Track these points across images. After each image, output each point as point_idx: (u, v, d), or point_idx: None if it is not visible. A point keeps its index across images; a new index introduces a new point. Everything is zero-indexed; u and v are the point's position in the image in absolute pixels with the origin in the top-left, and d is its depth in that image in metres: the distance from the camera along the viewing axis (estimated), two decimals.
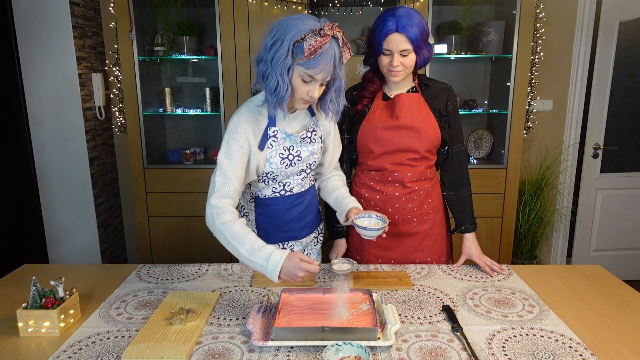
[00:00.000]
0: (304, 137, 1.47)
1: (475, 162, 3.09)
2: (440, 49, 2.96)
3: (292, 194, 1.55)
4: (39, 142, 3.01)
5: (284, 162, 1.46)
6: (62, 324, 1.24)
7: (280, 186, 1.53)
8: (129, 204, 3.46)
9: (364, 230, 1.43)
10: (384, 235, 1.46)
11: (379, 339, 1.17)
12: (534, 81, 3.01)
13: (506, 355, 1.13)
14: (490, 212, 2.99)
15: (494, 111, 3.04)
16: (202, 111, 3.05)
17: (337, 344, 1.10)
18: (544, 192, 3.23)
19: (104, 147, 3.25)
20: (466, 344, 1.16)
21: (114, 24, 2.92)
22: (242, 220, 1.34)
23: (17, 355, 1.15)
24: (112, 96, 3.17)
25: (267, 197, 1.54)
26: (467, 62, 3.20)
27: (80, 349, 1.17)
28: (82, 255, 3.16)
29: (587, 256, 3.48)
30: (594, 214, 3.42)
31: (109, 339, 1.21)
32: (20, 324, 1.22)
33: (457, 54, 2.97)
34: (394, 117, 1.63)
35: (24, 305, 1.23)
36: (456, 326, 1.24)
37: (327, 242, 1.82)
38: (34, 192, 3.07)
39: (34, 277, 1.24)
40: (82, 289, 1.49)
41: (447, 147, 1.71)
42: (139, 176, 2.97)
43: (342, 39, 1.29)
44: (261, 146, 1.42)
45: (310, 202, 1.61)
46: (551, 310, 1.35)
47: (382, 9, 2.99)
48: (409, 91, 1.66)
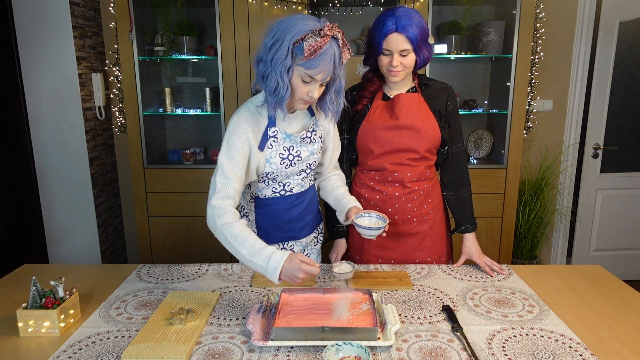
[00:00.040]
0: (303, 137, 1.47)
1: (475, 162, 3.09)
2: (440, 49, 2.96)
3: (292, 194, 1.55)
4: (39, 142, 3.01)
5: (284, 162, 1.46)
6: (62, 324, 1.24)
7: (280, 186, 1.53)
8: (129, 204, 3.46)
9: (364, 229, 1.43)
10: (384, 234, 1.46)
11: (379, 339, 1.17)
12: (534, 81, 3.01)
13: (506, 355, 1.13)
14: (490, 212, 2.99)
15: (494, 111, 3.04)
16: (202, 111, 3.05)
17: (337, 344, 1.10)
18: (544, 192, 3.23)
19: (104, 147, 3.25)
20: (466, 344, 1.16)
21: (114, 24, 2.92)
22: (243, 221, 1.34)
23: (17, 355, 1.15)
24: (112, 96, 3.17)
25: (267, 197, 1.54)
26: (467, 62, 3.19)
27: (80, 349, 1.17)
28: (82, 255, 3.16)
29: (587, 256, 3.48)
30: (594, 214, 3.42)
31: (109, 339, 1.21)
32: (20, 324, 1.22)
33: (457, 54, 2.97)
34: (393, 117, 1.63)
35: (24, 305, 1.23)
36: (456, 326, 1.24)
37: (327, 242, 1.82)
38: (34, 192, 3.07)
39: (34, 277, 1.24)
40: (82, 289, 1.49)
41: (447, 147, 1.71)
42: (139, 176, 2.97)
43: (342, 39, 1.29)
44: (261, 146, 1.42)
45: (310, 202, 1.61)
46: (551, 310, 1.35)
47: (382, 9, 2.99)
48: (408, 91, 1.66)
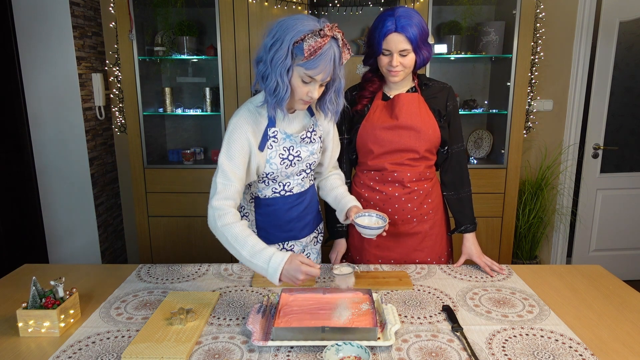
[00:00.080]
0: (303, 138, 1.47)
1: (475, 162, 3.09)
2: (440, 49, 2.96)
3: (292, 194, 1.55)
4: (39, 142, 3.01)
5: (284, 162, 1.46)
6: (62, 324, 1.24)
7: (280, 186, 1.53)
8: (129, 204, 3.46)
9: (364, 228, 1.43)
10: (384, 234, 1.46)
11: (379, 339, 1.17)
12: (534, 81, 3.01)
13: (506, 355, 1.13)
14: (490, 212, 2.99)
15: (494, 111, 3.04)
16: (202, 111, 3.05)
17: (337, 344, 1.10)
18: (544, 192, 3.23)
19: (104, 147, 3.25)
20: (466, 344, 1.16)
21: (114, 24, 2.92)
22: (244, 222, 1.34)
23: (17, 355, 1.15)
24: (112, 96, 3.17)
25: (267, 197, 1.54)
26: (467, 62, 3.19)
27: (80, 349, 1.17)
28: (82, 255, 3.16)
29: (587, 256, 3.48)
30: (594, 214, 3.42)
31: (109, 339, 1.21)
32: (20, 324, 1.22)
33: (457, 54, 2.97)
34: (393, 117, 1.63)
35: (24, 305, 1.23)
36: (456, 326, 1.24)
37: (327, 242, 1.82)
38: (34, 192, 3.07)
39: (34, 277, 1.24)
40: (82, 289, 1.49)
41: (447, 147, 1.71)
42: (139, 176, 2.97)
43: (342, 40, 1.29)
44: (261, 147, 1.42)
45: (310, 202, 1.62)
46: (551, 310, 1.35)
47: (382, 9, 2.99)
48: (408, 91, 1.66)
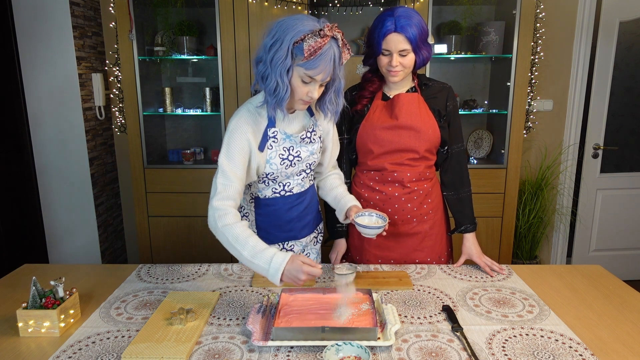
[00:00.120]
0: (303, 138, 1.47)
1: (475, 162, 3.09)
2: (440, 49, 2.96)
3: (292, 194, 1.55)
4: (39, 142, 3.01)
5: (284, 162, 1.46)
6: (62, 324, 1.24)
7: (280, 187, 1.53)
8: (129, 204, 3.46)
9: (364, 228, 1.43)
10: (384, 233, 1.46)
11: (379, 339, 1.17)
12: (534, 81, 3.01)
13: (506, 355, 1.13)
14: (490, 212, 2.99)
15: (494, 111, 3.04)
16: (202, 111, 3.05)
17: (337, 344, 1.10)
18: (544, 192, 3.23)
19: (104, 147, 3.25)
20: (466, 344, 1.16)
21: (114, 24, 2.92)
22: (245, 222, 1.34)
23: (17, 355, 1.15)
24: (112, 96, 3.17)
25: (267, 197, 1.54)
26: (467, 62, 3.19)
27: (80, 349, 1.17)
28: (82, 255, 3.16)
29: (587, 256, 3.48)
30: (594, 214, 3.42)
31: (109, 339, 1.21)
32: (20, 324, 1.22)
33: (457, 54, 2.97)
34: (393, 117, 1.63)
35: (24, 305, 1.23)
36: (456, 326, 1.24)
37: (327, 242, 1.82)
38: (34, 192, 3.07)
39: (34, 277, 1.24)
40: (82, 289, 1.49)
41: (446, 147, 1.71)
42: (139, 176, 2.97)
43: (342, 40, 1.29)
44: (261, 147, 1.42)
45: (310, 202, 1.61)
46: (551, 310, 1.35)
47: (382, 9, 2.99)
48: (408, 91, 1.66)
